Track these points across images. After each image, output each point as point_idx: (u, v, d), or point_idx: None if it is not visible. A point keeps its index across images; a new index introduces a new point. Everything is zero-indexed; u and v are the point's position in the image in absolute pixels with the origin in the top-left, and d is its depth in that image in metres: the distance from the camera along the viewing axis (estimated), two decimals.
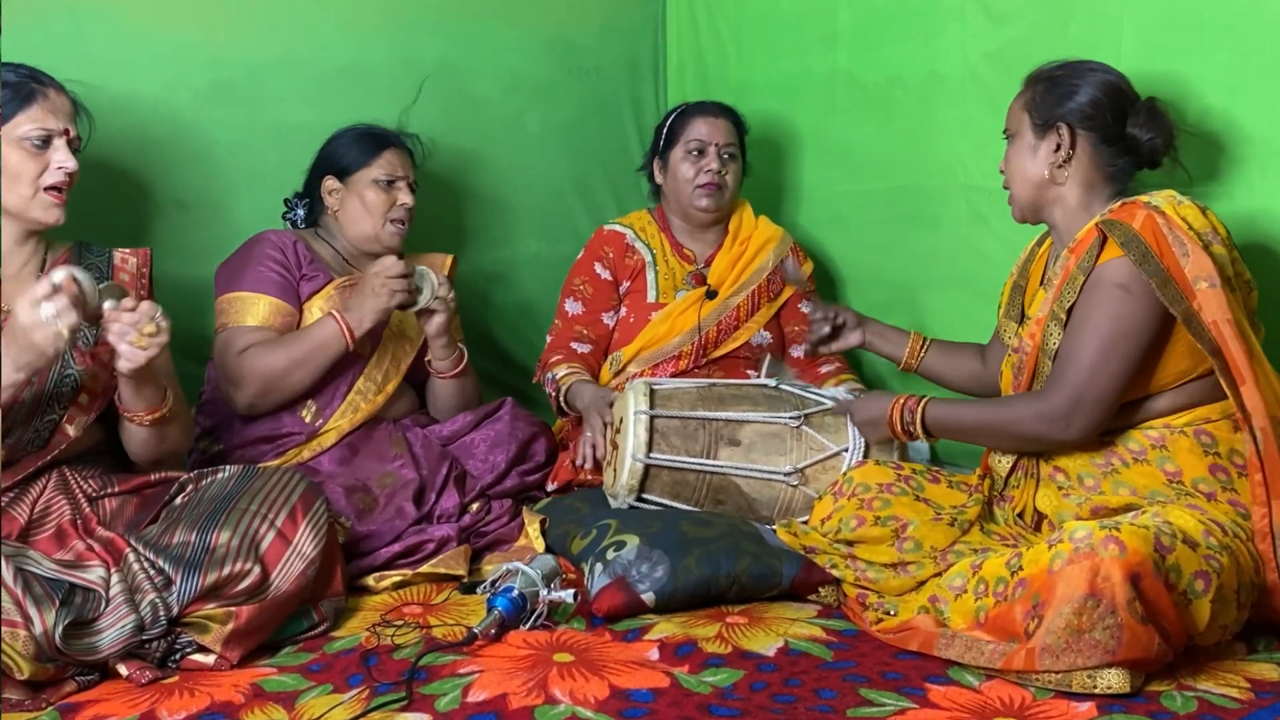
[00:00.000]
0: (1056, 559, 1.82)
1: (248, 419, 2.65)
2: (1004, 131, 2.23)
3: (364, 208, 2.75)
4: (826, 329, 2.59)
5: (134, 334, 1.99)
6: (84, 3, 2.78)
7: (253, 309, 2.61)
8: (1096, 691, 1.79)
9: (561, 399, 2.84)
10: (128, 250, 2.32)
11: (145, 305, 2.01)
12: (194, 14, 2.91)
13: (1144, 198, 2.08)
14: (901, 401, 2.30)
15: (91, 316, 1.99)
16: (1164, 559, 1.81)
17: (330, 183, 2.78)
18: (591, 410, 2.72)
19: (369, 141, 2.78)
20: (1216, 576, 1.84)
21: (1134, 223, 2.01)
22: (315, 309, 2.67)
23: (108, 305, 2.00)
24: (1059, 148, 2.14)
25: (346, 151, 2.78)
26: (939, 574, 2.08)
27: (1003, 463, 2.24)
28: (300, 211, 2.84)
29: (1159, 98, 2.15)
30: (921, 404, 2.27)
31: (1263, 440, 1.92)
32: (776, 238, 3.04)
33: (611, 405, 2.67)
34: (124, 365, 2.03)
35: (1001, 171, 2.25)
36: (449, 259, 2.93)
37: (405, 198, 2.76)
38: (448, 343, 2.75)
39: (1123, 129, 2.13)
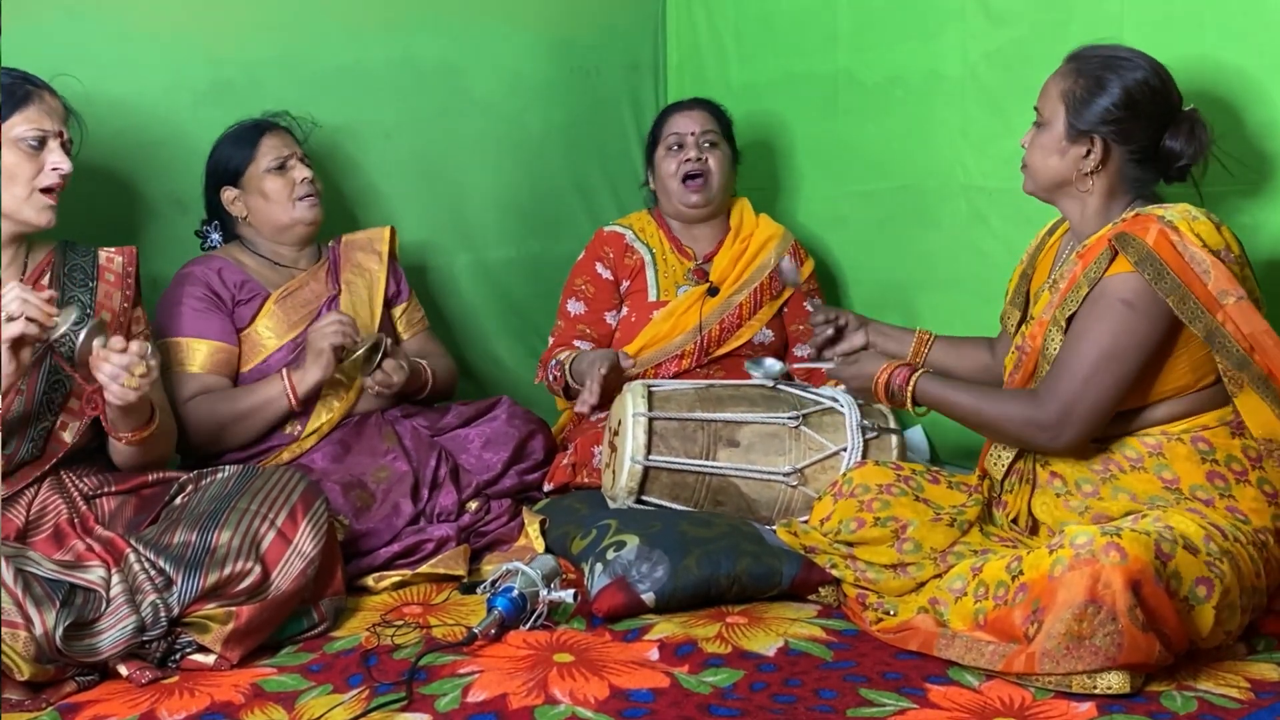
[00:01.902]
0: (1057, 564, 1.82)
1: None
2: (1035, 108, 2.16)
3: (268, 200, 2.72)
4: (830, 331, 2.58)
5: (125, 376, 1.99)
6: (84, 3, 2.78)
7: (192, 355, 2.60)
8: (1096, 692, 1.79)
9: (568, 373, 2.82)
10: (113, 249, 2.32)
11: (135, 346, 2.00)
12: (194, 14, 2.91)
13: (1159, 210, 2.03)
14: (892, 368, 2.26)
15: (80, 356, 1.99)
16: (1165, 565, 1.81)
17: (228, 193, 2.75)
18: (599, 360, 2.69)
19: (243, 138, 2.75)
20: (1220, 582, 1.84)
21: (1147, 238, 1.97)
22: (261, 327, 2.67)
23: (96, 344, 1.99)
24: (1089, 155, 2.09)
25: (228, 157, 2.75)
26: (939, 575, 2.07)
27: (998, 467, 2.23)
28: (215, 236, 2.80)
29: (1199, 109, 2.10)
30: (914, 377, 2.23)
31: None
32: (778, 235, 3.04)
33: (621, 359, 2.67)
34: (113, 400, 2.03)
35: (1023, 146, 2.19)
36: (387, 230, 2.92)
37: (302, 172, 2.73)
38: (402, 393, 2.73)
39: (1159, 141, 2.08)
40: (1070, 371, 2.03)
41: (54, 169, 2.14)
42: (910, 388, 2.22)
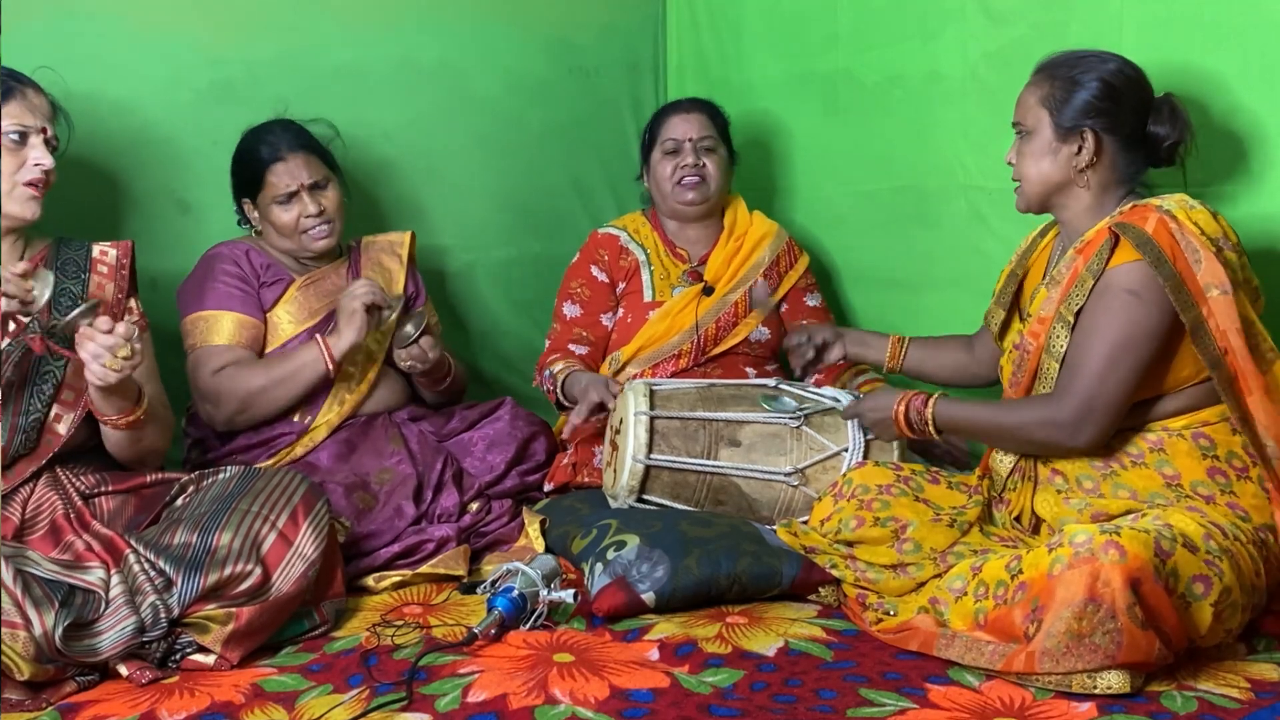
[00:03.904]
0: (1056, 563, 1.82)
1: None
2: (1014, 123, 2.19)
3: (276, 229, 2.71)
4: (810, 354, 2.60)
5: (108, 357, 1.97)
6: (84, 3, 2.78)
7: (219, 327, 2.60)
8: (1096, 692, 1.79)
9: (559, 391, 2.83)
10: (108, 243, 2.32)
11: (122, 328, 1.98)
12: (194, 14, 2.91)
13: (1155, 201, 2.06)
14: (907, 400, 2.28)
15: (68, 332, 1.98)
16: (1164, 564, 1.81)
17: (247, 205, 2.75)
18: (590, 388, 2.70)
19: (252, 162, 2.70)
20: (1219, 580, 1.84)
21: (1146, 226, 1.99)
22: (281, 312, 2.68)
23: (83, 322, 1.98)
24: (1081, 150, 2.10)
25: (240, 175, 2.74)
26: (939, 575, 2.08)
27: (1003, 463, 2.23)
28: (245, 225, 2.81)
29: (1173, 93, 2.13)
30: (930, 403, 2.25)
31: (1275, 449, 1.92)
32: (772, 233, 3.04)
33: (609, 388, 2.67)
34: (93, 381, 2.02)
35: (1010, 163, 2.22)
36: (407, 235, 2.93)
37: (309, 207, 2.67)
38: (429, 371, 2.74)
39: (1143, 129, 2.11)
40: (1085, 368, 2.03)
41: (36, 164, 2.15)
42: (930, 414, 2.24)
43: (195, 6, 2.93)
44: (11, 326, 2.01)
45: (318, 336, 2.60)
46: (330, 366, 2.58)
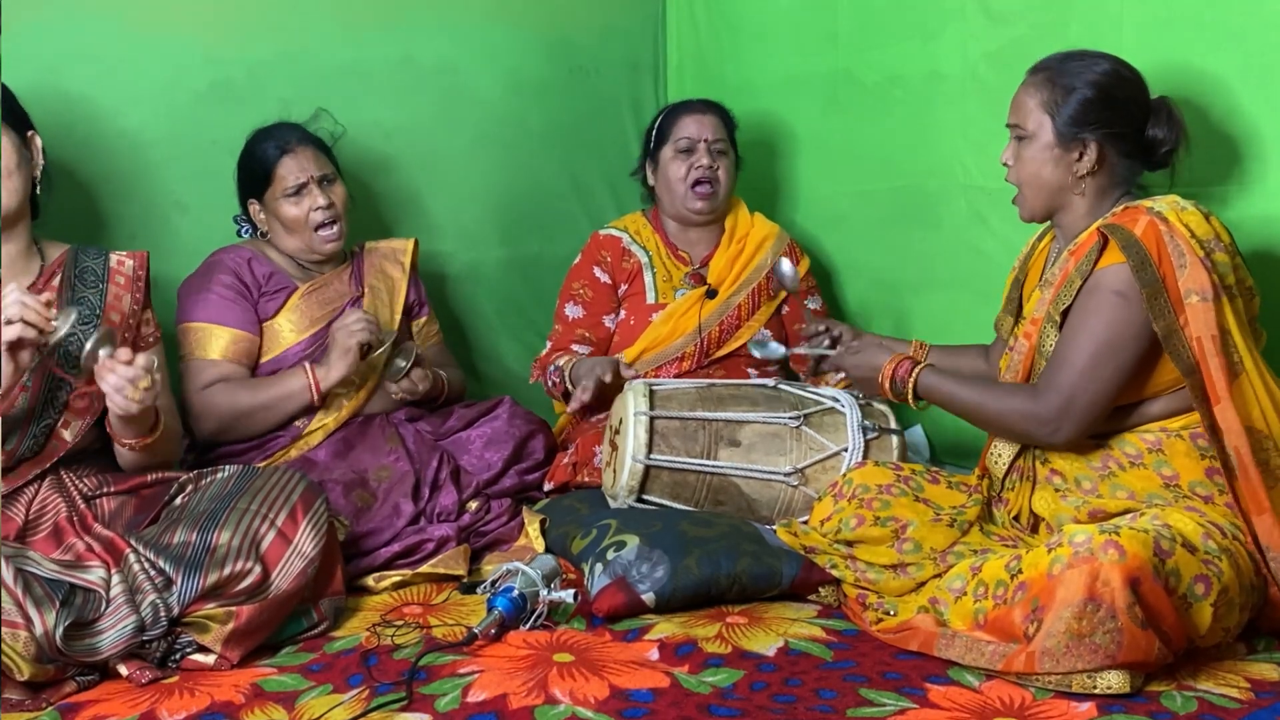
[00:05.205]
0: (1056, 563, 1.82)
1: None
2: (1011, 125, 2.18)
3: (285, 225, 2.70)
4: (825, 342, 2.57)
5: (130, 389, 1.99)
6: (84, 3, 2.78)
7: (212, 341, 2.60)
8: (1096, 692, 1.79)
9: (568, 379, 2.81)
10: (124, 253, 2.32)
11: (141, 360, 2.00)
12: (194, 14, 2.91)
13: (1147, 203, 2.06)
14: (897, 362, 2.27)
15: (86, 363, 1.99)
16: (1163, 563, 1.81)
17: (254, 206, 2.74)
18: (598, 365, 2.70)
19: (260, 157, 2.70)
20: (1218, 580, 1.84)
21: (1136, 229, 2.00)
22: (283, 320, 2.67)
23: (102, 353, 1.99)
24: (1082, 157, 2.10)
25: (249, 173, 2.73)
26: (939, 575, 2.08)
27: (999, 464, 2.24)
28: (247, 229, 2.80)
29: (1170, 95, 2.13)
30: (916, 371, 2.24)
31: (1236, 459, 1.92)
32: (773, 235, 3.04)
33: (620, 370, 2.67)
34: (115, 411, 2.04)
35: (1005, 164, 2.21)
36: (410, 243, 2.92)
37: (318, 199, 2.68)
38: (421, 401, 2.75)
39: (1143, 133, 2.11)
40: (1068, 365, 2.03)
41: None
42: (912, 382, 2.23)
43: (195, 6, 2.92)
44: (24, 355, 1.97)
45: (307, 365, 2.60)
46: (315, 398, 2.60)
